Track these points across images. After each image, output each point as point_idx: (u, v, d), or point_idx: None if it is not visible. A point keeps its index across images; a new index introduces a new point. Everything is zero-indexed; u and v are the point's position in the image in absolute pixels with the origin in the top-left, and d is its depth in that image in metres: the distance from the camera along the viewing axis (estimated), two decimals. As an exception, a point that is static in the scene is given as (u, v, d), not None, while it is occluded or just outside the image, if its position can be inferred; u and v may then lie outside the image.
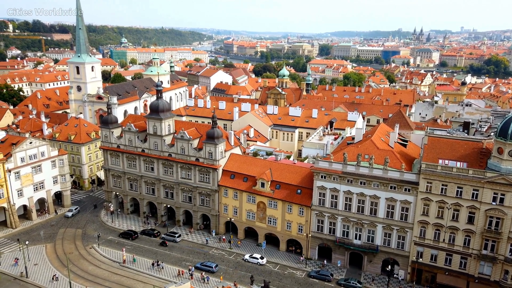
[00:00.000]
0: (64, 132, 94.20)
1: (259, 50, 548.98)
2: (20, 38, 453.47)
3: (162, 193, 77.10)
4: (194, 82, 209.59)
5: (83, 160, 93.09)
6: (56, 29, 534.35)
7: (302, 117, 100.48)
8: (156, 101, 74.99)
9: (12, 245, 68.45)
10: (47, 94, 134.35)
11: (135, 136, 76.45)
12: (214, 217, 73.31)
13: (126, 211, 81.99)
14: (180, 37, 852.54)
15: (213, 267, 62.24)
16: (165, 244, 69.78)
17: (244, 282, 59.44)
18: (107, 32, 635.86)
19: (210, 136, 69.63)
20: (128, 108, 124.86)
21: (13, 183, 73.53)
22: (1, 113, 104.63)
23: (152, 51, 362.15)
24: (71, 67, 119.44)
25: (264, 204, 67.85)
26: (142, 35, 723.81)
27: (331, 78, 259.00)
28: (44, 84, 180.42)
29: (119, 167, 79.83)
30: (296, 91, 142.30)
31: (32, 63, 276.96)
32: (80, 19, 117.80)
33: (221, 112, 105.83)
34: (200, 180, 72.56)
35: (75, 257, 65.07)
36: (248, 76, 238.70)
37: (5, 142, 75.59)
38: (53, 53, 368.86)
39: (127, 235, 72.75)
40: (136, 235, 72.87)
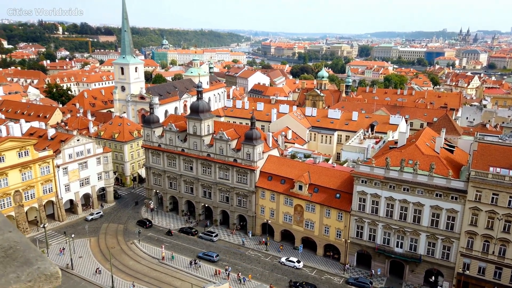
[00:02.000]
0: (109, 130, 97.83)
1: (297, 51, 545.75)
2: (68, 40, 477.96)
3: (200, 193, 78.19)
4: (232, 83, 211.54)
5: (125, 158, 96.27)
6: (102, 31, 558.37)
7: (342, 120, 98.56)
8: (196, 102, 76.20)
9: (59, 237, 71.90)
10: (93, 94, 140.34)
11: (176, 136, 78.04)
12: (251, 218, 73.37)
13: (165, 208, 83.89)
14: (218, 38, 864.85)
15: (213, 256, 64.98)
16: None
17: (280, 286, 58.97)
18: (149, 34, 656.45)
19: (248, 137, 69.78)
20: (169, 108, 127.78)
21: (61, 178, 77.25)
22: (51, 111, 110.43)
23: (192, 53, 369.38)
24: (116, 68, 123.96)
25: (302, 207, 67.04)
26: (182, 36, 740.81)
27: (371, 80, 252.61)
28: (90, 84, 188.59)
29: (159, 166, 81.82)
30: (335, 93, 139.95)
31: (80, 64, 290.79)
32: (125, 21, 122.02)
33: (259, 113, 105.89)
34: (237, 180, 72.88)
35: (116, 251, 67.34)
36: (286, 77, 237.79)
37: (54, 139, 79.55)
38: (99, 54, 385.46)
39: (142, 223, 76.60)
40: (150, 224, 76.32)
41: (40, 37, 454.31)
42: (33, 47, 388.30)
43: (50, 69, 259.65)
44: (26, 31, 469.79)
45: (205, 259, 64.95)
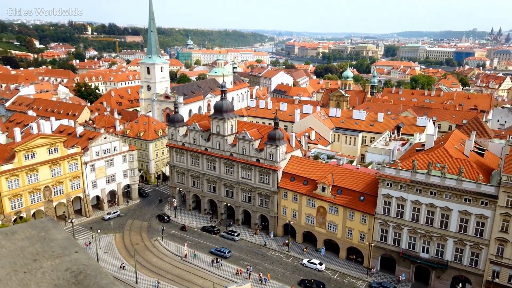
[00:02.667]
0: (134, 129, 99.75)
1: (321, 51, 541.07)
2: (97, 40, 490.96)
3: (222, 192, 78.62)
4: (255, 83, 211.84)
5: (150, 156, 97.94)
6: (129, 31, 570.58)
7: (367, 121, 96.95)
8: (220, 102, 76.64)
9: (85, 232, 73.89)
10: (119, 93, 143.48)
11: (199, 135, 78.77)
12: (273, 218, 73.19)
13: (188, 207, 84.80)
14: (242, 38, 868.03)
15: (225, 252, 66.01)
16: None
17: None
18: (175, 34, 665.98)
19: (271, 138, 69.62)
20: (193, 107, 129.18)
21: (89, 175, 79.33)
22: (80, 110, 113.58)
23: (216, 53, 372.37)
24: (142, 67, 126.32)
25: (325, 209, 66.33)
26: (207, 37, 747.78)
27: (397, 80, 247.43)
28: (117, 83, 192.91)
29: (183, 164, 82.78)
30: (360, 93, 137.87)
31: (107, 64, 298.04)
32: (152, 22, 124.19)
33: (282, 114, 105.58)
34: (260, 181, 72.85)
35: (140, 248, 68.55)
36: (309, 77, 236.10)
37: (82, 137, 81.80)
38: (126, 54, 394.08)
39: (161, 218, 79.27)
40: (168, 218, 78.93)
41: (70, 38, 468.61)
42: (63, 47, 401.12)
43: (79, 69, 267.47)
44: (57, 32, 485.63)
45: (217, 255, 65.93)
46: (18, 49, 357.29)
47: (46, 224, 3.69)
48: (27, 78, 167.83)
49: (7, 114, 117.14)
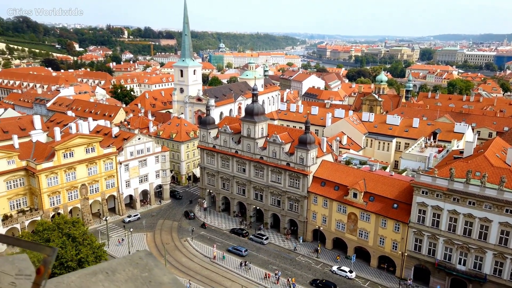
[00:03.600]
0: (167, 130, 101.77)
1: (354, 54, 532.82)
2: (133, 44, 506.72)
3: (252, 195, 78.66)
4: (286, 86, 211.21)
5: (181, 157, 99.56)
6: (163, 35, 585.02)
7: (401, 126, 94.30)
8: (251, 105, 76.83)
9: (118, 230, 75.94)
10: (153, 95, 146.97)
11: (230, 138, 79.26)
12: (302, 223, 72.42)
13: (218, 208, 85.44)
14: (274, 41, 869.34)
15: (242, 251, 67.43)
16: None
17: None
18: (207, 38, 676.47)
19: (302, 142, 69.00)
20: (224, 110, 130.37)
21: (123, 174, 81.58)
22: (116, 111, 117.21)
23: (247, 56, 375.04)
24: (176, 70, 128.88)
25: (356, 216, 64.92)
26: (239, 40, 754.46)
27: (433, 85, 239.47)
28: (151, 86, 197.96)
29: (213, 166, 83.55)
30: (394, 98, 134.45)
31: (142, 66, 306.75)
32: (186, 26, 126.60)
33: (313, 117, 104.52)
34: (289, 185, 72.33)
35: (171, 247, 69.66)
36: (341, 81, 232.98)
37: (118, 137, 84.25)
38: (160, 57, 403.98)
39: (186, 214, 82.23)
40: (192, 215, 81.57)
41: (108, 41, 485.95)
42: (101, 50, 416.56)
43: (116, 71, 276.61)
44: (95, 35, 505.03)
45: (234, 253, 67.72)
46: (59, 52, 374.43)
47: (147, 261, 3.46)
48: (67, 80, 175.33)
49: (48, 114, 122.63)
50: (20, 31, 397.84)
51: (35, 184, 69.37)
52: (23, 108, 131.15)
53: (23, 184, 69.91)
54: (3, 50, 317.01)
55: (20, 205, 70.35)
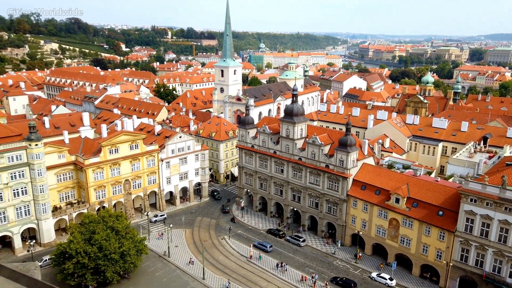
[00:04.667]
0: (207, 129, 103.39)
1: (398, 55, 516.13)
2: (176, 44, 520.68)
3: (289, 196, 78.09)
4: (326, 87, 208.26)
5: (220, 156, 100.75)
6: (205, 35, 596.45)
7: (448, 130, 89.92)
8: (291, 105, 76.23)
9: (158, 225, 78.03)
10: (194, 94, 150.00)
11: (269, 138, 79.11)
12: (340, 227, 70.90)
13: (255, 208, 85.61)
14: (314, 41, 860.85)
15: (267, 247, 68.70)
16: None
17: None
18: (248, 38, 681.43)
19: (342, 144, 67.53)
20: (263, 110, 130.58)
21: (164, 171, 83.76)
22: (159, 109, 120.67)
23: (287, 56, 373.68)
24: (217, 70, 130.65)
25: (398, 222, 62.61)
26: (279, 40, 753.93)
27: (483, 86, 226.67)
28: (193, 85, 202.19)
29: (251, 166, 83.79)
30: (440, 100, 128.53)
31: (184, 66, 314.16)
32: (228, 26, 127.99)
33: (354, 119, 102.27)
34: (328, 187, 71.05)
35: (208, 245, 70.60)
36: (384, 82, 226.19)
37: (160, 135, 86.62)
38: (201, 57, 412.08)
39: (222, 208, 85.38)
40: (227, 210, 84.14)
41: (152, 41, 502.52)
42: (146, 50, 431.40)
43: (159, 71, 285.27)
44: (141, 36, 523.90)
45: (259, 248, 69.04)
46: (107, 52, 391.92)
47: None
48: (114, 79, 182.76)
49: (95, 111, 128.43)
50: (71, 32, 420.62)
51: (82, 178, 72.82)
52: (73, 105, 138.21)
53: (71, 177, 73.60)
54: (56, 50, 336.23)
55: (69, 197, 74.12)
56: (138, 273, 60.95)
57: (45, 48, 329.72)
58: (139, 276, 60.80)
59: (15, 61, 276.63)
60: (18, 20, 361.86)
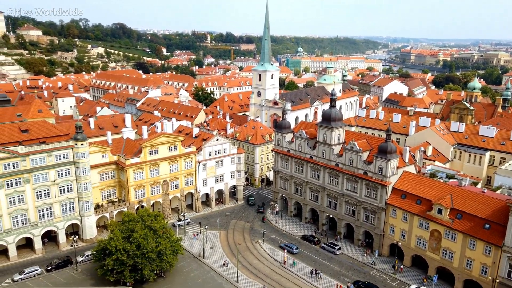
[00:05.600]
0: (243, 132, 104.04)
1: (442, 59, 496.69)
2: (215, 48, 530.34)
3: (325, 202, 76.82)
4: (365, 92, 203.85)
5: (256, 159, 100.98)
6: (244, 40, 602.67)
7: (496, 138, 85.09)
8: (329, 110, 75.14)
9: (194, 226, 79.23)
10: (232, 98, 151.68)
11: (305, 143, 78.37)
12: (378, 236, 68.76)
13: (289, 213, 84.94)
14: (353, 45, 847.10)
15: (293, 248, 69.56)
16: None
17: (407, 316, 53.61)
18: (285, 42, 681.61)
19: (382, 150, 65.59)
20: (300, 114, 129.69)
21: (201, 173, 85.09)
22: (197, 112, 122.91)
23: (325, 60, 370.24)
24: (255, 74, 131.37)
25: (439, 233, 59.82)
26: (317, 44, 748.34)
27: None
28: (230, 89, 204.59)
29: (287, 170, 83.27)
30: (488, 107, 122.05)
31: (222, 70, 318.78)
32: (267, 30, 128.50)
33: (394, 125, 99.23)
34: (366, 195, 69.20)
35: (242, 248, 70.76)
36: (427, 87, 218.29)
37: (198, 137, 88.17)
38: (239, 61, 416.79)
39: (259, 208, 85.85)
40: (261, 209, 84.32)
41: (192, 46, 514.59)
42: (186, 54, 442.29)
43: (198, 74, 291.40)
44: (181, 40, 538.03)
45: (285, 249, 68.90)
46: (149, 56, 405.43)
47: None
48: (155, 82, 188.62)
49: (137, 113, 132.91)
50: (117, 37, 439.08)
51: (123, 178, 75.39)
52: (116, 107, 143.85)
53: (113, 176, 76.42)
54: (102, 54, 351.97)
55: (110, 196, 76.94)
56: (174, 272, 62.11)
57: (92, 52, 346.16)
58: (175, 275, 61.92)
59: (64, 64, 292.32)
60: (68, 25, 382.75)
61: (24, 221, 64.38)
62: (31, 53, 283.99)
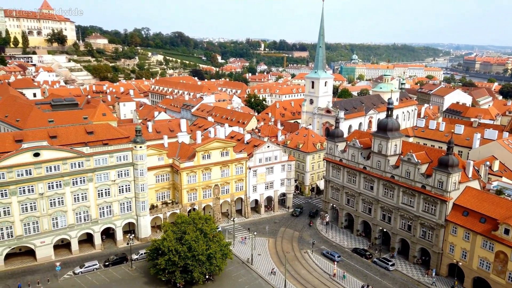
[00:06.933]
0: (294, 140, 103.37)
1: (510, 68, 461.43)
2: (268, 56, 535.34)
3: (378, 215, 73.84)
4: (424, 101, 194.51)
5: (306, 168, 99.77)
6: (297, 47, 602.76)
7: None
8: (385, 119, 72.48)
9: (243, 231, 79.74)
10: (283, 105, 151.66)
11: (359, 152, 76.10)
12: (436, 254, 64.69)
13: (340, 224, 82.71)
14: (412, 53, 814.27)
15: (335, 256, 68.20)
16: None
17: None
18: (340, 49, 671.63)
19: (443, 163, 61.84)
20: (353, 123, 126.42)
21: (251, 179, 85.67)
22: (249, 119, 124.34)
23: (382, 68, 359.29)
24: (308, 81, 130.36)
25: (506, 256, 55.01)
26: (373, 51, 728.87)
27: None
28: (282, 96, 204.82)
29: (339, 180, 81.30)
30: None
31: (274, 77, 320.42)
32: (322, 38, 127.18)
33: (456, 137, 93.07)
34: (424, 209, 65.53)
35: (291, 257, 69.91)
36: (493, 97, 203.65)
37: (249, 144, 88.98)
38: (291, 69, 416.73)
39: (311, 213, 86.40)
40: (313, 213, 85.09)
41: (246, 53, 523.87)
42: (239, 62, 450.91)
43: (251, 81, 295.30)
44: (236, 48, 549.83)
45: (327, 257, 69.26)
46: (205, 63, 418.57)
47: None
48: (209, 88, 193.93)
49: (192, 118, 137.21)
50: (175, 45, 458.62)
51: (177, 180, 77.89)
52: (173, 112, 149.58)
53: (168, 179, 79.24)
54: (161, 61, 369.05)
55: (164, 197, 79.82)
56: (222, 276, 62.78)
57: (152, 60, 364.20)
58: (223, 279, 62.56)
59: (126, 71, 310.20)
60: (131, 34, 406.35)
61: (86, 218, 68.67)
62: (98, 60, 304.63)
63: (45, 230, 65.24)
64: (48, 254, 66.52)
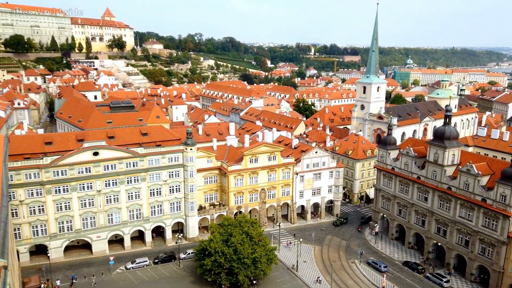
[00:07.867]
0: (343, 146, 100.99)
1: None
2: (317, 60, 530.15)
3: (433, 228, 69.92)
4: (486, 109, 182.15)
5: (356, 175, 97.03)
6: (348, 51, 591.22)
7: None
8: (443, 127, 68.69)
9: (288, 237, 79.05)
10: (333, 110, 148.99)
11: (412, 161, 72.72)
12: (496, 273, 59.94)
13: (390, 235, 79.39)
14: (473, 57, 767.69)
15: (381, 266, 66.87)
16: None
17: None
18: (393, 54, 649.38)
19: (507, 176, 57.33)
20: (407, 130, 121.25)
21: (297, 184, 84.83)
22: (297, 123, 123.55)
23: (440, 73, 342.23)
24: (359, 86, 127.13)
25: None
26: (429, 55, 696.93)
27: None
28: (331, 101, 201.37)
29: (390, 189, 78.17)
30: None
31: (324, 82, 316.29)
32: (375, 42, 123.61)
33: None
34: (483, 224, 61.06)
35: (337, 266, 68.16)
36: None
37: (297, 149, 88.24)
38: (342, 73, 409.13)
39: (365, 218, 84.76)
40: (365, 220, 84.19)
41: (296, 58, 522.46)
42: (288, 66, 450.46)
43: (300, 86, 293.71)
44: (285, 53, 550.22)
45: (372, 266, 67.78)
46: (254, 68, 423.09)
47: None
48: (258, 93, 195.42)
49: (240, 122, 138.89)
50: (226, 50, 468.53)
51: (225, 183, 79.03)
52: (222, 116, 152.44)
53: (216, 181, 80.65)
54: (212, 66, 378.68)
55: (212, 199, 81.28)
56: (267, 281, 62.54)
57: (204, 64, 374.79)
58: (267, 284, 62.30)
59: (179, 75, 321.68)
60: (185, 40, 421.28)
61: (138, 215, 71.71)
62: (153, 65, 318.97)
63: (101, 225, 69.00)
64: (103, 248, 70.25)
